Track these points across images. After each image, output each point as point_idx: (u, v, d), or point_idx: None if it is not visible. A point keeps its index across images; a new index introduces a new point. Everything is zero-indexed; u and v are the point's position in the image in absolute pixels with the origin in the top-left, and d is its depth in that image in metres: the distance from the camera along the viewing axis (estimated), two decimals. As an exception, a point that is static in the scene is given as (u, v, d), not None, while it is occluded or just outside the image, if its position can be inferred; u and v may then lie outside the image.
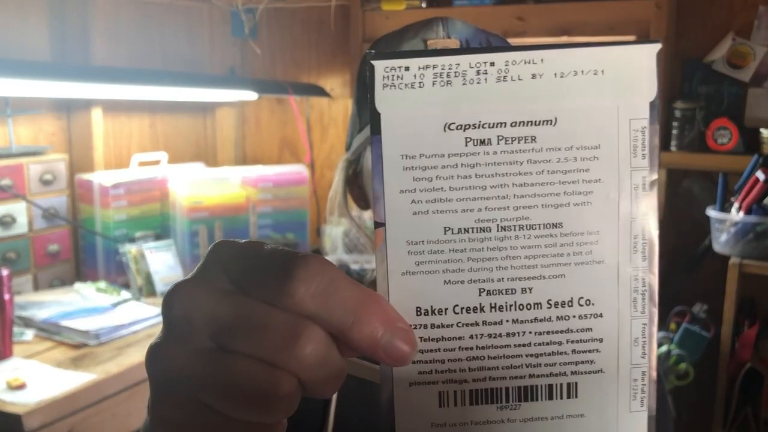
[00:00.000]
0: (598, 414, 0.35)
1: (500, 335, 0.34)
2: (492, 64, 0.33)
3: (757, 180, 1.81)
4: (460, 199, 0.33)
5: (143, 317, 1.86)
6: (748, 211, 1.82)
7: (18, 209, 1.99)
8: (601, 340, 0.35)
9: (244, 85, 2.53)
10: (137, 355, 1.64)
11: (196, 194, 2.25)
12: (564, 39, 2.30)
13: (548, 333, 0.35)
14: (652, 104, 0.34)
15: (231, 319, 0.30)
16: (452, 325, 0.34)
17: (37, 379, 1.48)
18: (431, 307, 0.34)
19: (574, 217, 0.34)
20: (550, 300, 0.34)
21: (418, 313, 0.34)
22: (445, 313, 0.34)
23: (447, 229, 0.34)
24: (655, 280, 0.34)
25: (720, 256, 1.89)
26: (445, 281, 0.34)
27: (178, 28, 2.70)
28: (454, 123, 0.33)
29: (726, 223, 1.85)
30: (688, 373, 1.67)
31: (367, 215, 0.84)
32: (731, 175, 1.94)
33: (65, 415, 1.43)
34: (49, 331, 1.76)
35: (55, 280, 2.13)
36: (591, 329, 0.35)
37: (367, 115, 0.75)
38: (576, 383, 0.35)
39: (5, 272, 1.61)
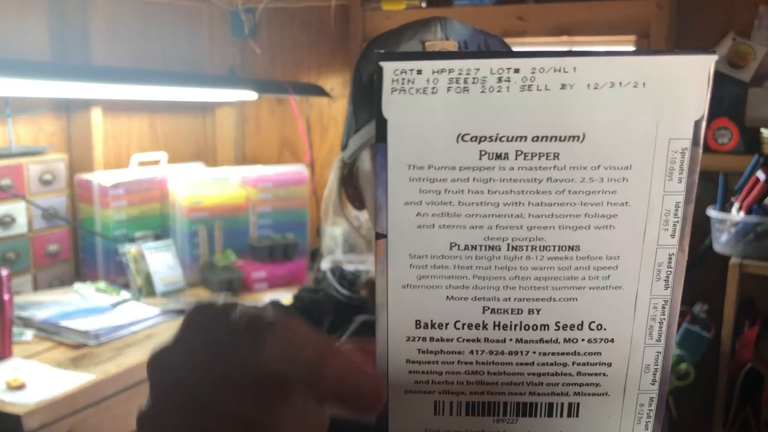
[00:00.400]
0: None
1: (502, 353, 0.34)
2: (517, 71, 0.30)
3: (758, 180, 1.81)
4: (470, 215, 0.32)
5: (143, 317, 1.86)
6: (749, 211, 1.82)
7: (17, 209, 1.99)
8: (609, 365, 0.34)
9: (243, 84, 2.53)
10: (137, 356, 1.64)
11: (196, 194, 2.25)
12: (564, 39, 2.30)
13: (553, 354, 0.34)
14: (697, 123, 0.31)
15: (211, 382, 0.31)
16: (452, 339, 0.34)
17: (37, 380, 1.48)
18: (431, 321, 0.33)
19: (594, 241, 0.32)
20: (558, 322, 0.33)
21: (417, 326, 0.34)
22: (446, 328, 0.33)
23: (453, 244, 0.32)
24: (676, 311, 0.33)
25: (720, 257, 1.89)
26: (447, 297, 0.33)
27: (177, 28, 2.70)
28: (468, 134, 0.31)
29: (726, 223, 1.85)
30: (688, 374, 1.67)
31: (363, 216, 0.84)
32: (731, 175, 1.93)
33: (65, 416, 1.43)
34: (48, 331, 1.76)
35: (54, 281, 2.13)
36: (600, 353, 0.34)
37: (363, 116, 0.75)
38: (578, 403, 0.34)
39: (5, 272, 1.61)
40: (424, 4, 2.48)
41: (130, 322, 1.81)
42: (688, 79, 0.31)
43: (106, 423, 1.54)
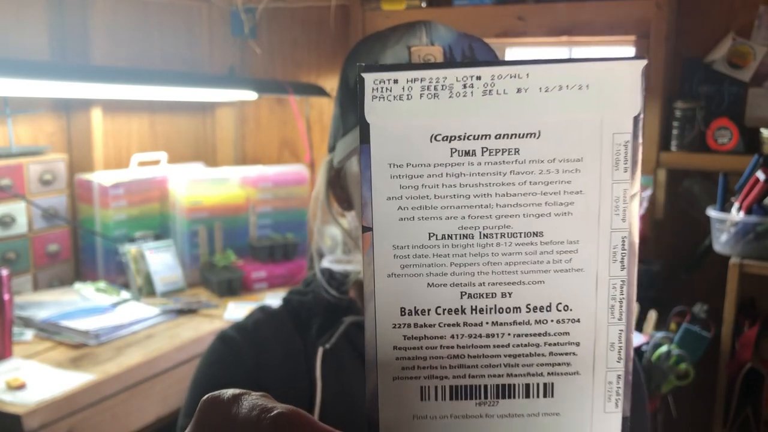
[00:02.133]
0: (573, 413, 0.37)
1: (480, 336, 0.36)
2: (478, 78, 0.34)
3: (758, 180, 1.81)
4: (445, 206, 0.35)
5: (143, 317, 1.86)
6: (749, 211, 1.82)
7: (17, 209, 1.99)
8: (578, 344, 0.36)
9: (243, 84, 2.53)
10: (137, 356, 1.64)
11: (196, 194, 2.25)
12: (564, 39, 2.30)
13: (527, 335, 0.36)
14: (635, 119, 0.35)
15: None
16: (434, 325, 0.36)
17: (37, 380, 1.48)
18: (414, 307, 0.36)
19: (555, 227, 0.35)
20: (529, 304, 0.36)
21: (402, 313, 0.36)
22: (428, 314, 0.36)
23: (431, 234, 0.35)
24: (633, 290, 0.36)
25: (720, 256, 1.89)
26: (428, 284, 0.36)
27: (177, 28, 2.70)
28: (440, 134, 0.35)
29: (726, 223, 1.85)
30: (688, 373, 1.67)
31: (350, 216, 0.85)
32: (731, 174, 1.94)
33: (65, 416, 1.43)
34: (48, 331, 1.76)
35: (54, 281, 2.13)
36: (568, 333, 0.36)
37: (350, 120, 0.76)
38: (552, 383, 0.37)
39: (5, 272, 1.61)
40: (424, 4, 2.48)
41: (130, 322, 1.82)
42: (624, 81, 0.35)
43: (106, 423, 1.54)
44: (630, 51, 2.19)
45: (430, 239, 0.35)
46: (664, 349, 1.66)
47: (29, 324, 1.79)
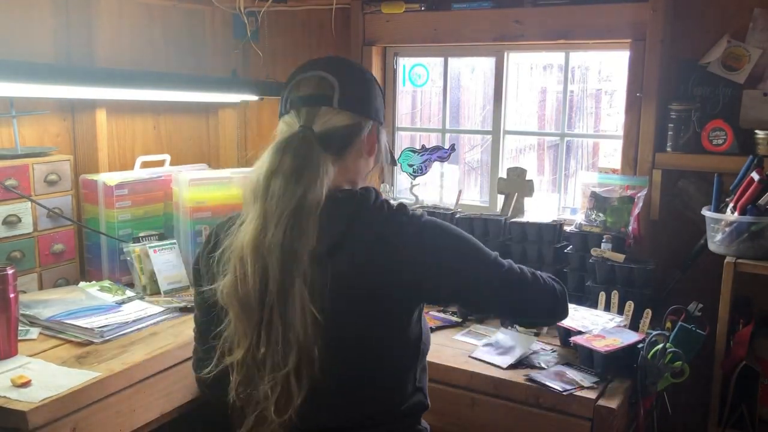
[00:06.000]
0: None
1: None
2: None
3: (752, 180, 1.83)
4: None
5: (147, 315, 1.88)
6: (743, 212, 1.84)
7: (23, 209, 2.01)
8: None
9: (246, 86, 2.55)
10: (141, 353, 1.66)
11: (199, 194, 2.27)
12: (561, 42, 2.32)
13: None
14: None
15: None
16: None
17: (42, 377, 1.50)
18: None
19: None
20: None
21: None
22: None
23: None
24: None
25: (715, 256, 1.91)
26: None
27: (180, 31, 2.73)
28: None
29: (721, 223, 1.87)
30: (683, 371, 1.69)
31: None
32: (726, 175, 1.95)
33: (69, 413, 1.45)
34: (53, 329, 1.78)
35: (59, 279, 2.15)
36: None
37: None
38: None
39: (10, 271, 1.63)
40: (422, 8, 2.51)
41: (134, 320, 1.84)
42: None
43: (111, 420, 1.56)
44: (626, 53, 2.21)
45: None
46: (659, 347, 1.68)
47: (35, 322, 1.81)
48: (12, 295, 1.63)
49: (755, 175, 1.82)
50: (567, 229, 2.21)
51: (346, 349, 1.13)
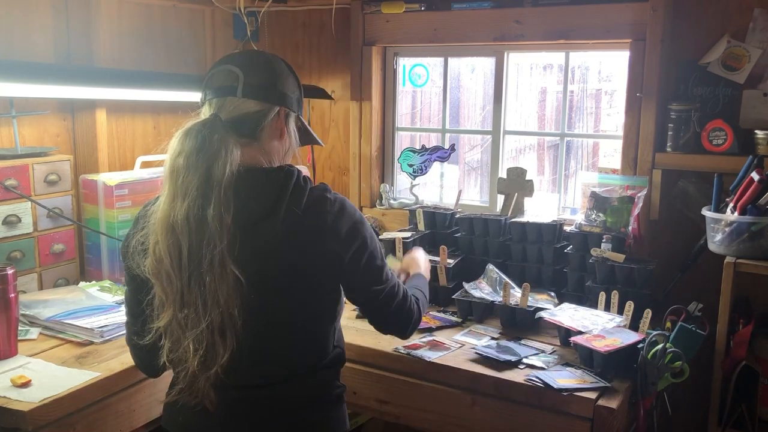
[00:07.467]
0: None
1: None
2: None
3: (752, 180, 1.83)
4: None
5: (146, 316, 1.88)
6: (743, 212, 1.83)
7: (23, 209, 2.01)
8: None
9: (245, 86, 2.55)
10: (140, 353, 1.66)
11: (199, 195, 2.27)
12: (561, 42, 2.33)
13: None
14: None
15: None
16: None
17: (42, 377, 1.51)
18: None
19: None
20: None
21: None
22: None
23: None
24: None
25: (715, 256, 1.91)
26: None
27: (181, 31, 2.73)
28: None
29: (721, 223, 1.87)
30: (683, 371, 1.69)
31: None
32: (726, 175, 1.95)
33: (69, 413, 1.45)
34: (53, 329, 1.78)
35: (59, 279, 2.15)
36: None
37: None
38: None
39: (10, 271, 1.63)
40: (422, 8, 2.51)
41: (133, 320, 1.84)
42: None
43: (110, 420, 1.56)
44: (626, 53, 2.21)
45: None
46: (659, 347, 1.68)
47: (35, 322, 1.81)
48: (12, 295, 1.63)
49: (755, 175, 1.82)
50: (567, 229, 2.21)
51: (270, 309, 1.24)
